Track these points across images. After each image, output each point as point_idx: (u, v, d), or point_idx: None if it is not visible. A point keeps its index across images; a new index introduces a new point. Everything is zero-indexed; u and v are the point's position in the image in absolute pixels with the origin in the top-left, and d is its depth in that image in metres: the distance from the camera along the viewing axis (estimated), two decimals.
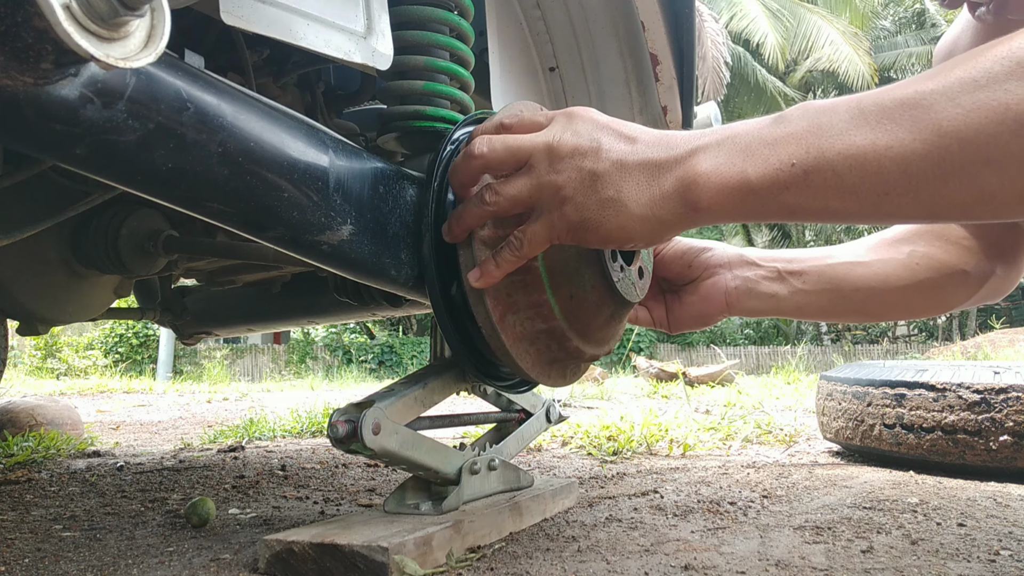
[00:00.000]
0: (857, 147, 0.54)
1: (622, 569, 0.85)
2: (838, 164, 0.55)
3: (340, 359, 14.06)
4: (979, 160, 0.50)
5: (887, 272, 0.97)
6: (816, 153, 0.56)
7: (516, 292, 0.84)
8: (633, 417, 2.50)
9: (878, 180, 0.53)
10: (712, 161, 0.61)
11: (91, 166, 0.61)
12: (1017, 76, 0.48)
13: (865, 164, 0.53)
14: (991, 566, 0.87)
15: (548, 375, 0.92)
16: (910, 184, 0.52)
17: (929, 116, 0.51)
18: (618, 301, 0.89)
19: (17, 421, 2.30)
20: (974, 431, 1.51)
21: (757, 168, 0.58)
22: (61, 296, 1.36)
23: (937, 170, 0.51)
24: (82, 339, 13.23)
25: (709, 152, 0.62)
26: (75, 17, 0.45)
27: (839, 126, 0.55)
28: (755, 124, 0.61)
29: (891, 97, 0.54)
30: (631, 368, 8.74)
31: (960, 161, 0.50)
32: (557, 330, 0.87)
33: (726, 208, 0.61)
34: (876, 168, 0.53)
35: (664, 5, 1.32)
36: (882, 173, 0.53)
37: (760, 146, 0.59)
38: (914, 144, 0.51)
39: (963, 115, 0.50)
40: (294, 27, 0.80)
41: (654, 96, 1.41)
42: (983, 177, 0.50)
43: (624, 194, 0.65)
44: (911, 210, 0.54)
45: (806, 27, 16.38)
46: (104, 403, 5.03)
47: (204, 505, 1.12)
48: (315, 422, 2.77)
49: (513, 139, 0.72)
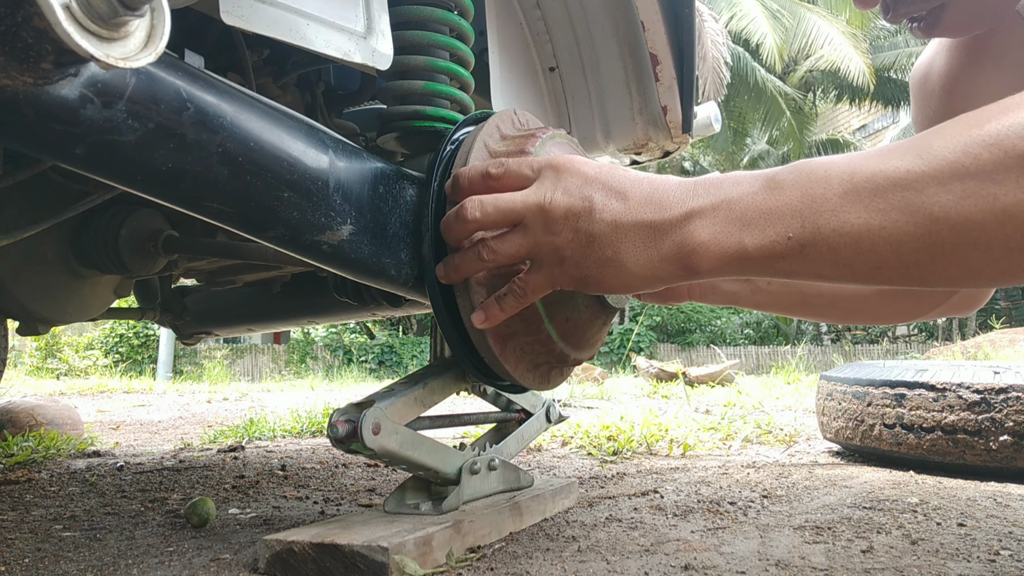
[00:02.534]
0: (852, 225, 0.56)
1: (622, 569, 0.85)
2: (833, 240, 0.57)
3: (340, 359, 14.05)
4: (967, 243, 0.53)
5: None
6: (812, 228, 0.58)
7: (514, 323, 0.88)
8: (633, 417, 2.50)
9: (871, 256, 0.56)
10: (709, 230, 0.63)
11: (91, 166, 0.61)
12: (1004, 167, 0.51)
13: (859, 242, 0.56)
14: (991, 566, 0.87)
15: (534, 379, 0.97)
16: (902, 261, 0.56)
17: (921, 201, 0.54)
18: (609, 311, 0.95)
19: (17, 421, 2.30)
20: (974, 431, 1.51)
21: (755, 240, 0.61)
22: (61, 296, 1.36)
23: (928, 251, 0.54)
24: (82, 339, 13.23)
25: (705, 219, 0.63)
26: (75, 17, 0.45)
27: (833, 201, 0.57)
28: (749, 188, 0.62)
29: (883, 174, 0.56)
30: (631, 368, 8.74)
31: (950, 244, 0.53)
32: (556, 350, 0.92)
33: (723, 272, 0.64)
34: (870, 247, 0.56)
35: (664, 5, 1.32)
36: (875, 251, 0.56)
37: (756, 216, 0.61)
38: (907, 227, 0.54)
39: (954, 203, 0.52)
40: (294, 27, 0.80)
41: (654, 96, 1.41)
42: (971, 258, 0.53)
43: (623, 255, 0.67)
44: (901, 281, 0.57)
45: (806, 27, 16.37)
46: (104, 403, 5.04)
47: (204, 505, 1.12)
48: (315, 422, 2.77)
49: (505, 202, 0.73)
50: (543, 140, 0.93)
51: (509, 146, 0.92)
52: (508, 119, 0.98)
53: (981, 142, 0.52)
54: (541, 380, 0.98)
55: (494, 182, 0.77)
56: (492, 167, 0.78)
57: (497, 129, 0.95)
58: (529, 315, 0.86)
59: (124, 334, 13.66)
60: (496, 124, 0.95)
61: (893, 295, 1.01)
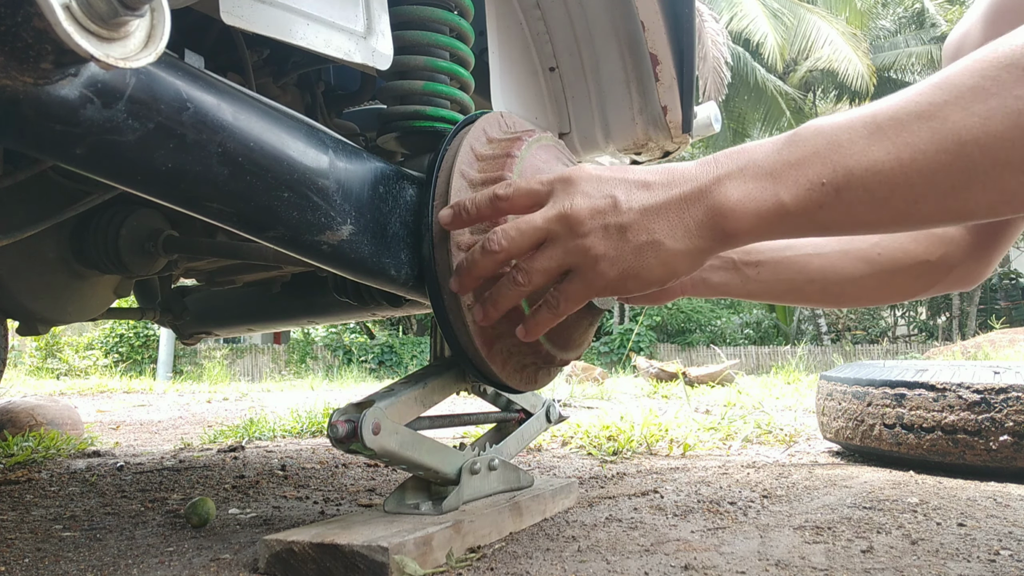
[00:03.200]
0: (883, 163, 0.56)
1: (622, 569, 0.85)
2: (867, 180, 0.57)
3: (340, 359, 14.05)
4: (1000, 163, 0.52)
5: (844, 265, 0.98)
6: (843, 171, 0.57)
7: (500, 325, 0.88)
8: (633, 417, 2.50)
9: (907, 191, 0.56)
10: (741, 189, 0.62)
11: (91, 166, 0.61)
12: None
13: (893, 179, 0.56)
14: (991, 566, 0.87)
15: (521, 380, 0.98)
16: (938, 191, 0.55)
17: (947, 127, 0.54)
18: (595, 312, 0.95)
19: (17, 421, 2.30)
20: (974, 431, 1.51)
21: (790, 191, 0.60)
22: (61, 296, 1.36)
23: (962, 176, 0.54)
24: (82, 339, 13.23)
25: (734, 180, 0.62)
26: (75, 17, 0.45)
27: (860, 143, 0.57)
28: (771, 146, 0.62)
29: (905, 111, 0.56)
30: (631, 368, 8.74)
31: (982, 167, 0.53)
32: (542, 352, 0.94)
33: (761, 232, 0.62)
34: (904, 181, 0.55)
35: (664, 5, 1.32)
36: (910, 185, 0.55)
37: (785, 168, 0.60)
38: (938, 155, 0.54)
39: (980, 123, 0.52)
40: (294, 27, 0.80)
41: (654, 96, 1.41)
42: (1004, 179, 0.53)
43: (658, 234, 0.66)
44: (944, 215, 0.57)
45: (806, 27, 16.37)
46: (104, 403, 5.04)
47: (204, 505, 1.12)
48: (315, 422, 2.77)
49: (526, 223, 0.71)
50: (529, 143, 0.94)
51: (496, 149, 0.93)
52: (495, 122, 0.98)
53: (999, 64, 0.52)
54: (528, 381, 1.00)
55: (503, 203, 0.75)
56: (500, 189, 0.76)
57: (484, 132, 0.95)
58: (515, 318, 0.87)
59: (124, 334, 13.66)
60: (483, 127, 0.95)
61: (890, 274, 0.98)
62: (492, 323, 0.82)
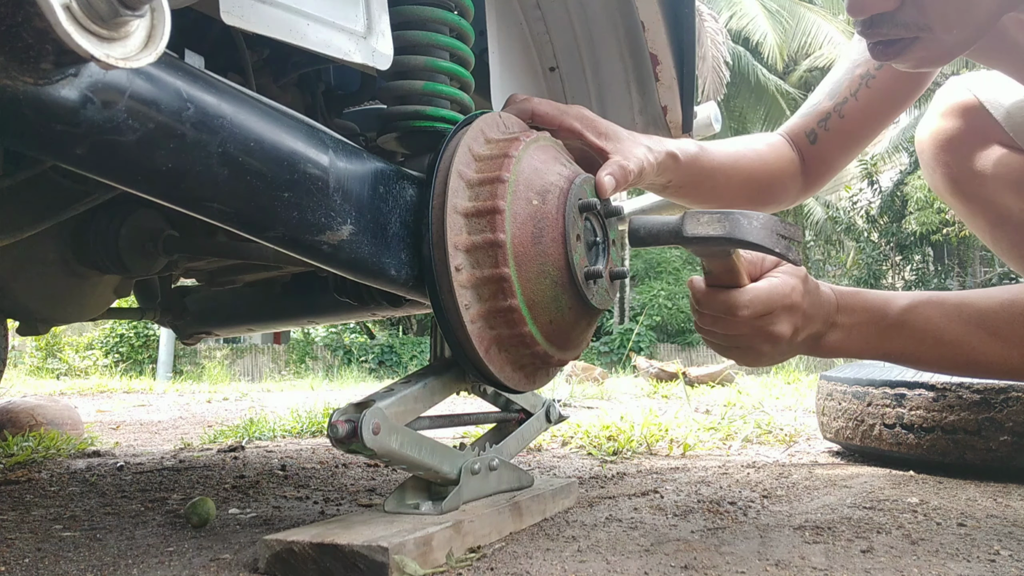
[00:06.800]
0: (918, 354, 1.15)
1: (622, 569, 0.85)
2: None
3: (340, 359, 14.06)
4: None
5: (736, 160, 1.29)
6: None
7: (498, 325, 0.90)
8: (633, 417, 2.50)
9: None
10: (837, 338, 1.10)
11: (91, 166, 0.61)
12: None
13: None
14: (991, 566, 0.87)
15: (519, 379, 0.99)
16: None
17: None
18: (593, 313, 0.97)
19: (17, 421, 2.30)
20: (974, 431, 1.51)
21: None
22: (61, 296, 1.36)
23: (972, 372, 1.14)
24: (82, 339, 13.24)
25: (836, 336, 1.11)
26: (75, 17, 0.45)
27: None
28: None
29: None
30: (631, 368, 8.73)
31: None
32: (540, 352, 0.94)
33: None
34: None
35: (664, 5, 1.32)
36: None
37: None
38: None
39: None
40: (294, 27, 0.80)
41: (654, 96, 1.41)
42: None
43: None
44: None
45: (805, 26, 16.38)
46: (104, 403, 5.04)
47: (204, 505, 1.12)
48: (315, 422, 2.77)
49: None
50: (527, 144, 0.94)
51: (493, 150, 0.93)
52: (493, 122, 0.98)
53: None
54: (526, 381, 1.00)
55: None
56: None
57: (482, 133, 0.95)
58: (513, 318, 0.88)
59: (124, 334, 13.66)
60: (481, 128, 0.96)
61: (758, 194, 1.32)
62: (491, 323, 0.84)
